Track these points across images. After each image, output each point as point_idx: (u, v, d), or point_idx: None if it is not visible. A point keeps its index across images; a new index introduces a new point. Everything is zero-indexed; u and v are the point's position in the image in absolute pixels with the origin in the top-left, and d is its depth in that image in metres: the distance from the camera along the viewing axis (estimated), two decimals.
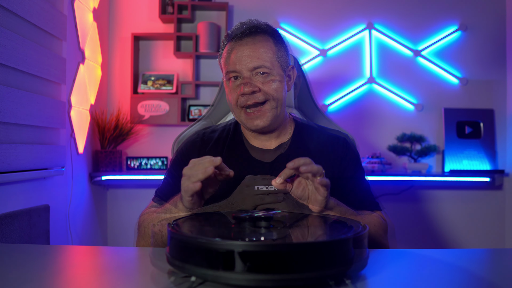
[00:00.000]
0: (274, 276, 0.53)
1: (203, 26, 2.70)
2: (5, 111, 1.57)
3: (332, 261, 0.56)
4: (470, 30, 2.81)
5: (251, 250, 0.54)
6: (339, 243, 0.58)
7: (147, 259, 0.73)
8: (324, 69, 2.83)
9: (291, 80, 1.08)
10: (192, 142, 1.10)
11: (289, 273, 0.53)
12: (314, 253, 0.55)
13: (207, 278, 0.56)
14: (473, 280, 0.62)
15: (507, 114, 2.78)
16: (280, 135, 1.07)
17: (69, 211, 2.20)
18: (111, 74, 2.81)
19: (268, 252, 0.54)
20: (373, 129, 2.82)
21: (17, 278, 0.62)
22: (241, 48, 0.99)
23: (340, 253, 0.57)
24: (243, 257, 0.54)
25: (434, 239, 2.78)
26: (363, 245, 0.63)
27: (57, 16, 1.98)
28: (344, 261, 0.58)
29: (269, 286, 0.53)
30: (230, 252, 0.54)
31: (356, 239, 0.60)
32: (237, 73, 1.00)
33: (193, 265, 0.57)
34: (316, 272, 0.54)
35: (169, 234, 0.62)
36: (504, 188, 2.78)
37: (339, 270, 0.57)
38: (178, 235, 0.60)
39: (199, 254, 0.56)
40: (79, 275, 0.67)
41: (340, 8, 2.84)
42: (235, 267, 0.54)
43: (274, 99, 1.00)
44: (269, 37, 1.02)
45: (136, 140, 2.77)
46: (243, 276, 0.54)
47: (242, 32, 1.00)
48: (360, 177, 1.08)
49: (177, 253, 0.60)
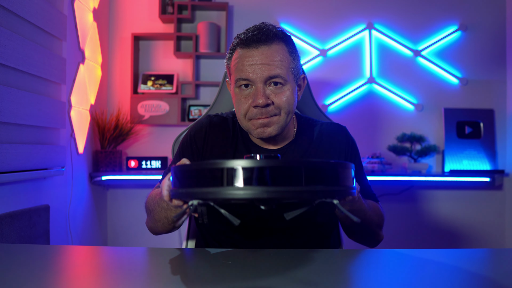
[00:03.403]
0: (269, 188, 0.56)
1: (203, 26, 2.70)
2: (5, 111, 1.57)
3: (323, 179, 0.59)
4: (470, 30, 2.81)
5: (248, 166, 0.56)
6: (330, 164, 0.62)
7: (147, 259, 0.73)
8: (324, 69, 2.83)
9: (301, 90, 1.06)
10: (200, 125, 1.09)
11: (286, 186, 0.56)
12: (307, 170, 0.58)
13: (207, 196, 0.58)
14: (473, 280, 0.62)
15: (507, 114, 2.78)
16: (285, 139, 1.07)
17: (69, 211, 2.20)
18: (111, 74, 2.81)
19: (271, 167, 0.56)
20: (373, 129, 2.82)
21: (17, 278, 0.62)
22: (256, 56, 0.94)
23: (330, 173, 0.61)
24: (245, 172, 0.56)
25: (434, 239, 2.78)
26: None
27: (57, 16, 1.98)
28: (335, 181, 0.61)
29: (264, 197, 0.56)
30: (231, 169, 0.56)
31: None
32: (250, 82, 0.95)
33: (195, 187, 0.60)
34: (308, 187, 0.57)
35: (172, 172, 0.66)
36: (504, 188, 2.78)
37: (330, 188, 0.60)
38: (182, 166, 0.63)
39: (201, 176, 0.59)
40: (79, 275, 0.67)
41: (340, 8, 2.84)
42: (236, 181, 0.56)
43: (285, 112, 0.97)
44: (284, 45, 0.97)
45: (136, 140, 2.77)
46: (242, 190, 0.56)
47: (258, 39, 0.94)
48: (361, 166, 1.10)
49: (179, 183, 0.64)
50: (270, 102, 0.95)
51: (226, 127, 1.08)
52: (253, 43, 0.95)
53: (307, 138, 1.07)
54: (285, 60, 0.96)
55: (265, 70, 0.94)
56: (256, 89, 0.95)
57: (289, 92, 0.97)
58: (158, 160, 2.65)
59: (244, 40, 0.96)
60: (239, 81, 0.97)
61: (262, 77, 0.94)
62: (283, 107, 0.96)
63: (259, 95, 0.94)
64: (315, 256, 0.75)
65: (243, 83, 0.97)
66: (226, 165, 0.57)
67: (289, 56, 0.98)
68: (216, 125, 1.08)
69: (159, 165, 2.64)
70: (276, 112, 0.96)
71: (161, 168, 2.65)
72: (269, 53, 0.94)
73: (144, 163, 2.64)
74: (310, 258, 0.73)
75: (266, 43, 0.95)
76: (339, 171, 0.61)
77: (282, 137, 1.06)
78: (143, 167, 2.63)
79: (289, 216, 0.63)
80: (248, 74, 0.95)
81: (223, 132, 1.07)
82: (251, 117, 0.97)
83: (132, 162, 2.63)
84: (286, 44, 0.98)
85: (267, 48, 0.95)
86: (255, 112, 0.96)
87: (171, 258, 0.74)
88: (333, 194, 0.60)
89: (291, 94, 0.97)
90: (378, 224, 1.01)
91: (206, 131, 1.07)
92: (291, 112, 0.99)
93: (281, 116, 0.97)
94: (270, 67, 0.94)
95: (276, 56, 0.95)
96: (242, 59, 0.96)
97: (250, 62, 0.95)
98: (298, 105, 1.35)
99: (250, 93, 0.96)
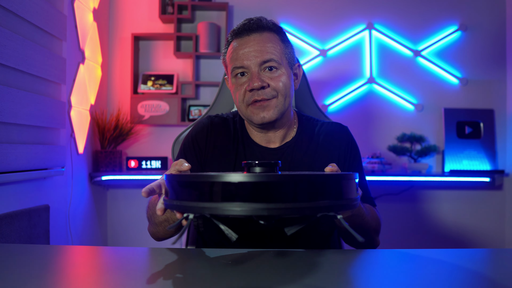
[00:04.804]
0: (264, 205, 0.53)
1: (203, 26, 2.70)
2: (5, 111, 1.57)
3: (325, 193, 0.57)
4: (470, 30, 2.81)
5: (246, 181, 0.54)
6: (332, 177, 0.59)
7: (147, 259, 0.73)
8: (324, 69, 2.83)
9: (298, 78, 1.07)
10: (201, 126, 1.09)
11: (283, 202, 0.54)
12: (309, 184, 0.56)
13: (204, 212, 0.56)
14: (473, 280, 0.62)
15: (507, 114, 2.78)
16: (286, 135, 1.06)
17: (69, 211, 2.20)
18: (111, 74, 2.81)
19: (266, 182, 0.54)
20: (373, 129, 2.82)
21: (17, 278, 0.62)
22: (249, 43, 0.97)
23: (333, 187, 0.59)
24: (240, 187, 0.53)
25: (434, 239, 2.78)
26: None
27: (57, 16, 1.98)
28: (337, 194, 0.58)
29: (264, 214, 0.54)
30: (228, 183, 0.54)
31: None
32: (245, 69, 0.98)
33: (191, 200, 0.57)
34: (309, 203, 0.55)
35: (166, 180, 0.64)
36: (504, 188, 2.78)
37: (332, 202, 0.57)
38: (177, 176, 0.61)
39: (198, 189, 0.57)
40: (79, 275, 0.67)
41: (340, 8, 2.84)
42: (234, 197, 0.54)
43: (282, 94, 0.98)
44: (276, 34, 1.00)
45: (136, 140, 2.77)
46: (241, 207, 0.53)
47: (249, 28, 0.98)
48: (361, 167, 1.09)
49: (174, 194, 0.61)
50: (265, 85, 0.96)
51: (227, 127, 1.08)
52: (245, 32, 0.98)
53: (308, 138, 1.07)
54: (277, 46, 0.99)
55: (258, 55, 0.96)
56: (251, 74, 0.97)
57: (285, 76, 0.99)
58: (158, 160, 2.64)
59: (236, 31, 1.00)
60: (235, 70, 0.99)
61: (256, 62, 0.96)
62: (280, 89, 0.97)
63: (254, 78, 0.96)
64: (315, 256, 0.75)
65: (239, 72, 0.99)
66: (224, 179, 0.54)
67: (281, 43, 1.00)
68: (217, 126, 1.08)
69: (159, 165, 2.64)
70: (274, 94, 0.97)
71: (161, 168, 2.65)
72: (261, 40, 0.97)
73: (144, 163, 2.64)
74: (310, 258, 0.73)
75: (258, 31, 0.98)
76: (343, 184, 0.59)
77: (282, 134, 1.05)
78: (143, 167, 2.63)
79: (290, 231, 0.60)
80: (242, 61, 0.97)
81: (224, 132, 1.07)
82: (249, 102, 0.98)
83: (132, 162, 2.63)
84: (277, 34, 1.01)
85: (259, 35, 0.98)
86: (250, 94, 0.97)
87: (171, 258, 0.74)
88: (337, 208, 0.57)
89: (287, 78, 0.99)
90: (376, 229, 1.00)
91: (207, 132, 1.07)
92: (289, 96, 1.00)
93: (279, 99, 0.98)
94: (263, 52, 0.96)
95: (268, 42, 0.98)
96: (236, 48, 0.99)
97: (243, 50, 0.97)
98: (298, 105, 1.35)
99: (246, 80, 0.98)
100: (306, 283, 0.59)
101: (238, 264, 0.70)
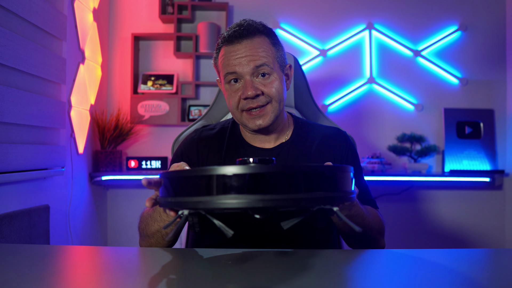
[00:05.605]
0: (260, 196, 0.53)
1: (203, 26, 2.70)
2: (5, 111, 1.57)
3: (321, 185, 0.56)
4: (470, 30, 2.81)
5: (240, 173, 0.53)
6: (327, 168, 0.59)
7: (147, 259, 0.73)
8: (324, 69, 2.83)
9: (289, 79, 1.08)
10: (190, 141, 1.10)
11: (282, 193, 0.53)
12: (304, 175, 0.55)
13: (198, 206, 0.55)
14: (473, 280, 0.62)
15: (507, 114, 2.78)
16: (280, 136, 1.07)
17: (69, 211, 2.20)
18: (111, 74, 2.81)
19: (262, 174, 0.53)
20: (373, 129, 2.82)
21: (17, 278, 0.62)
22: (240, 50, 0.97)
23: (328, 179, 0.58)
24: (235, 179, 0.53)
25: (434, 239, 2.78)
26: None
27: (57, 16, 1.98)
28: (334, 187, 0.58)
29: (259, 206, 0.53)
30: (222, 176, 0.53)
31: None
32: (238, 76, 0.98)
33: (185, 196, 0.56)
34: (305, 194, 0.54)
35: (160, 177, 0.64)
36: (504, 188, 2.78)
37: (328, 194, 0.57)
38: (170, 172, 0.60)
39: (191, 184, 0.56)
40: (79, 275, 0.67)
41: (340, 8, 2.84)
42: (228, 190, 0.53)
43: (276, 100, 0.99)
44: (266, 38, 1.00)
45: (136, 140, 2.77)
46: (236, 199, 0.52)
47: (240, 35, 0.98)
48: (360, 172, 1.09)
49: (167, 191, 0.60)
50: (259, 93, 0.98)
51: (217, 137, 1.09)
52: (236, 39, 0.98)
53: (303, 139, 1.07)
54: (268, 50, 0.99)
55: (251, 62, 0.97)
56: (244, 82, 0.98)
57: (277, 81, 1.00)
58: (158, 160, 2.64)
59: (227, 37, 1.00)
60: (228, 76, 1.00)
61: (248, 68, 0.97)
62: (273, 95, 0.99)
63: (248, 87, 0.97)
64: (315, 256, 0.75)
65: (232, 78, 1.00)
66: (218, 172, 0.53)
67: (272, 47, 1.01)
68: (206, 138, 1.09)
69: (159, 165, 2.64)
70: (268, 100, 0.99)
71: (161, 168, 2.65)
72: (252, 46, 0.98)
73: (144, 163, 2.64)
74: (310, 258, 0.73)
75: (248, 37, 0.98)
76: (339, 176, 0.59)
77: (276, 136, 1.06)
78: (143, 167, 2.63)
79: (287, 226, 0.60)
80: (234, 67, 0.98)
81: (214, 142, 1.08)
82: (243, 108, 0.99)
83: (132, 162, 2.63)
84: (268, 37, 1.01)
85: (250, 42, 0.98)
86: (245, 102, 0.98)
87: (171, 258, 0.74)
88: (332, 200, 0.57)
89: (279, 83, 1.00)
90: (379, 230, 1.00)
91: (197, 146, 1.07)
92: (282, 100, 1.01)
93: (273, 104, 0.99)
94: (255, 58, 0.97)
95: (259, 47, 0.98)
96: (227, 54, 0.99)
97: (235, 56, 0.98)
98: (298, 105, 1.35)
99: (240, 87, 0.99)
100: (306, 283, 0.59)
101: (238, 264, 0.70)
